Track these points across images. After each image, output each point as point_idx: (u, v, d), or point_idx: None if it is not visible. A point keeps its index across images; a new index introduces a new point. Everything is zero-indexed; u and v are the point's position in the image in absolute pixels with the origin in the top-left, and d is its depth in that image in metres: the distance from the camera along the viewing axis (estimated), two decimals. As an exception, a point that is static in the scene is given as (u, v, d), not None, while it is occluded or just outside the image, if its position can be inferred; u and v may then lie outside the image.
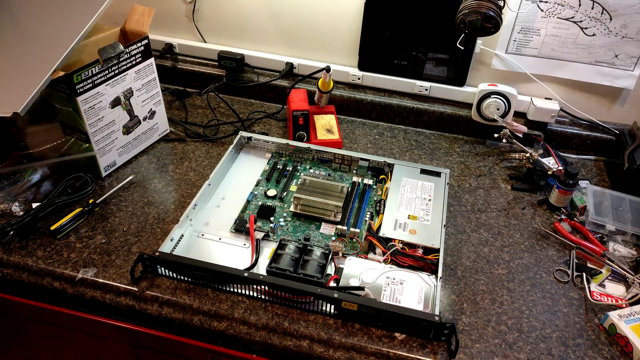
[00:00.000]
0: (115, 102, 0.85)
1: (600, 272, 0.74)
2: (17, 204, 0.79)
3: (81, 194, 0.81)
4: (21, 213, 0.77)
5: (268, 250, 0.75)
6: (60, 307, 0.73)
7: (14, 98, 0.72)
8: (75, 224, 0.77)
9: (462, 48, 0.93)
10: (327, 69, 0.90)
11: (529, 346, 0.64)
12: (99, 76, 0.80)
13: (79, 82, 0.77)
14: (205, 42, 1.12)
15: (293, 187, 0.86)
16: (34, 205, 0.78)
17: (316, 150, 0.92)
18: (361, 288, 0.67)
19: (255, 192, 0.85)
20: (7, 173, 0.83)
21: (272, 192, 0.85)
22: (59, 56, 0.75)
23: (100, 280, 0.69)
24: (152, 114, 0.93)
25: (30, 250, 0.73)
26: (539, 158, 0.89)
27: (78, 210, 0.78)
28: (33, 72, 0.74)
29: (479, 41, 0.95)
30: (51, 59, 0.75)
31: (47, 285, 0.70)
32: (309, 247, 0.72)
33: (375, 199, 0.85)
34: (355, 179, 0.89)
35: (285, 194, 0.85)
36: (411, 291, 0.68)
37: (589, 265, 0.76)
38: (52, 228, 0.74)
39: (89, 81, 0.78)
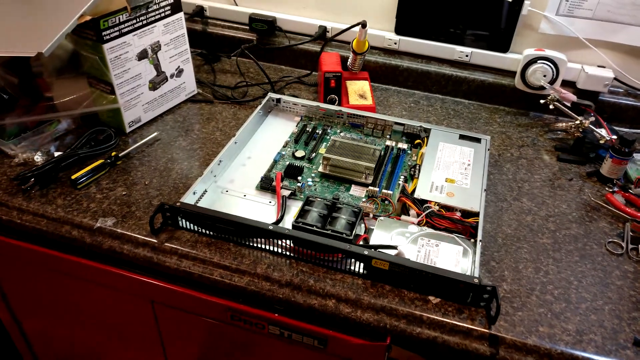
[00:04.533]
0: (142, 55, 0.82)
1: (660, 246, 0.67)
2: (39, 153, 0.77)
3: (104, 147, 0.79)
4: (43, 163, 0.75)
5: (294, 209, 0.70)
6: (78, 257, 0.70)
7: (40, 40, 0.70)
8: (96, 175, 0.75)
9: (511, 1, 0.86)
10: (363, 24, 0.85)
11: (577, 317, 0.58)
12: (126, 25, 0.77)
13: (105, 28, 0.74)
14: (237, 4, 1.08)
15: (322, 150, 0.82)
16: (57, 154, 0.76)
17: (348, 113, 0.87)
18: (393, 247, 0.62)
19: (283, 153, 0.81)
20: (32, 124, 0.81)
21: (300, 153, 0.81)
22: (87, 1, 0.73)
23: (118, 230, 0.67)
24: (179, 71, 0.91)
25: (50, 198, 0.71)
26: (590, 126, 0.82)
27: (100, 161, 0.75)
28: (60, 16, 0.72)
29: (527, 2, 0.89)
30: (79, 3, 0.73)
31: (65, 233, 0.67)
32: (338, 205, 0.67)
33: (409, 163, 0.80)
34: (388, 142, 0.83)
35: (314, 155, 0.81)
36: (447, 254, 0.62)
37: (646, 238, 0.69)
38: (73, 177, 0.72)
39: (116, 29, 0.76)
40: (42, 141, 0.80)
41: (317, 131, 0.86)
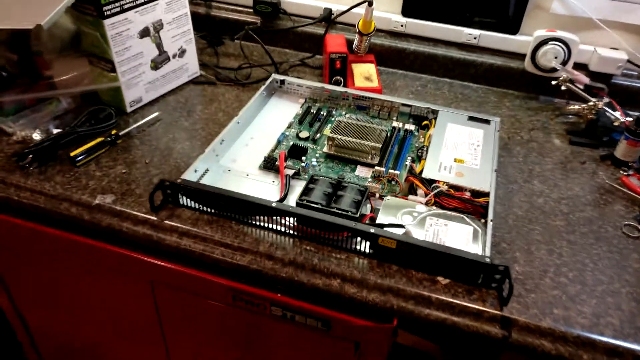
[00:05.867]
0: (144, 33, 0.80)
1: (677, 229, 0.64)
2: (38, 131, 0.75)
3: (104, 125, 0.77)
4: (42, 140, 0.74)
5: (298, 189, 0.68)
6: (77, 235, 0.68)
7: (39, 13, 0.68)
8: (96, 153, 0.73)
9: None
10: (370, 2, 0.83)
11: (594, 300, 0.56)
12: (127, 1, 0.75)
13: (106, 3, 0.72)
14: (240, -14, 1.06)
15: (327, 131, 0.80)
16: (56, 132, 0.74)
17: (354, 95, 0.85)
18: (401, 226, 0.60)
19: (287, 134, 0.79)
20: (30, 102, 0.80)
21: (304, 134, 0.79)
22: (87, -25, 0.71)
23: (118, 207, 0.65)
24: (182, 52, 0.89)
25: (48, 175, 0.69)
26: (605, 107, 0.79)
27: (100, 139, 0.74)
28: (59, -10, 0.70)
29: (539, -19, 0.86)
30: (79, -23, 0.71)
31: (63, 210, 0.66)
32: (343, 184, 0.65)
33: (417, 145, 0.77)
34: (395, 124, 0.81)
35: (318, 136, 0.79)
36: (457, 234, 0.60)
37: (662, 221, 0.66)
38: (72, 154, 0.70)
39: (117, 4, 0.74)
40: (41, 119, 0.78)
41: (322, 113, 0.84)
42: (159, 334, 0.77)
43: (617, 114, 0.79)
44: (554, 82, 0.85)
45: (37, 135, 0.75)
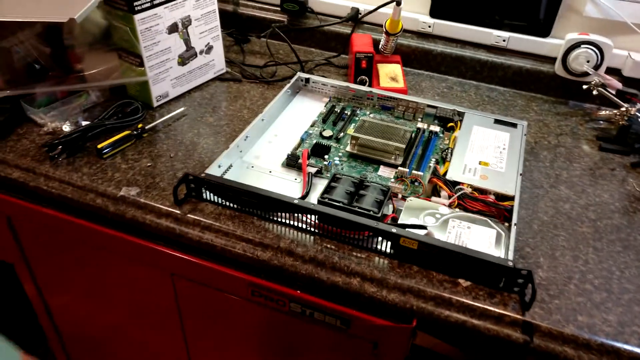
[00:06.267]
0: (173, 28, 0.81)
1: None
2: (68, 123, 0.77)
3: (131, 119, 0.79)
4: (71, 132, 0.76)
5: (320, 187, 0.68)
6: (101, 226, 0.70)
7: (72, 6, 0.70)
8: (122, 146, 0.74)
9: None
10: (398, 2, 0.83)
11: (620, 308, 0.54)
12: (158, -3, 0.77)
13: (137, -2, 0.74)
14: (268, -15, 1.07)
15: (350, 131, 0.79)
16: (84, 124, 0.76)
17: (379, 95, 0.84)
18: (423, 227, 0.59)
19: (310, 132, 0.79)
20: (61, 95, 0.82)
21: (327, 133, 0.79)
22: (120, -29, 0.73)
23: (142, 200, 0.66)
24: (209, 48, 0.90)
25: (76, 166, 0.71)
26: (637, 113, 0.77)
27: (126, 133, 0.75)
28: (93, -15, 0.72)
29: (571, -17, 0.85)
30: (112, -27, 0.73)
31: (89, 201, 0.67)
32: (365, 184, 0.65)
33: (441, 147, 0.76)
34: (420, 125, 0.81)
35: (342, 134, 0.79)
36: (479, 236, 0.59)
37: (696, 232, 0.64)
38: (99, 147, 0.72)
39: (147, 0, 0.75)
40: (70, 112, 0.80)
41: (346, 112, 0.84)
42: (178, 325, 0.78)
43: (650, 120, 0.77)
44: (585, 87, 0.83)
45: (66, 127, 0.77)
